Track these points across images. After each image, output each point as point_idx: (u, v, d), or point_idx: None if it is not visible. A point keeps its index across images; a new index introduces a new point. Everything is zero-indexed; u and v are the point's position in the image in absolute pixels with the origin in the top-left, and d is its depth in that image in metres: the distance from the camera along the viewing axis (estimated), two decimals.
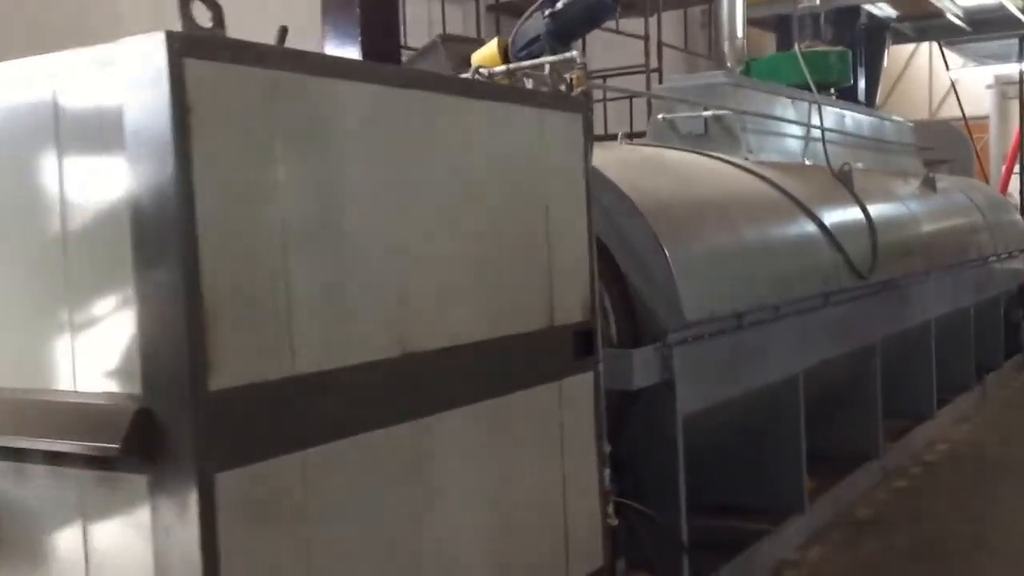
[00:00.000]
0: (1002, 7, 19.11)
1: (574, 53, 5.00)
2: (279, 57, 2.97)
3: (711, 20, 15.15)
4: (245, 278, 2.81)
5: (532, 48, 6.08)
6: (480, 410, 3.73)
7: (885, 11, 18.60)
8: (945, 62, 22.67)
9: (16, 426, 2.94)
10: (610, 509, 4.47)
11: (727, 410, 6.09)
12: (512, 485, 3.91)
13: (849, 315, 7.65)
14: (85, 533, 2.90)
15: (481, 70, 5.28)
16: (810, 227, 7.33)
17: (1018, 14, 19.35)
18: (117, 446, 2.69)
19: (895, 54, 20.71)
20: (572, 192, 4.33)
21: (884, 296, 8.34)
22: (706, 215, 6.26)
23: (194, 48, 2.70)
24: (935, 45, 22.79)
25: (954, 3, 19.18)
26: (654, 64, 13.51)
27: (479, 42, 7.46)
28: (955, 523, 7.17)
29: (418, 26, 11.46)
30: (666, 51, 14.13)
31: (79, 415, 2.82)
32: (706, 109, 7.98)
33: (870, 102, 17.61)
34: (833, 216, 7.65)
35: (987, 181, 19.83)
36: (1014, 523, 7.18)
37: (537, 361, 4.07)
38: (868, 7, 17.88)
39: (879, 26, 18.83)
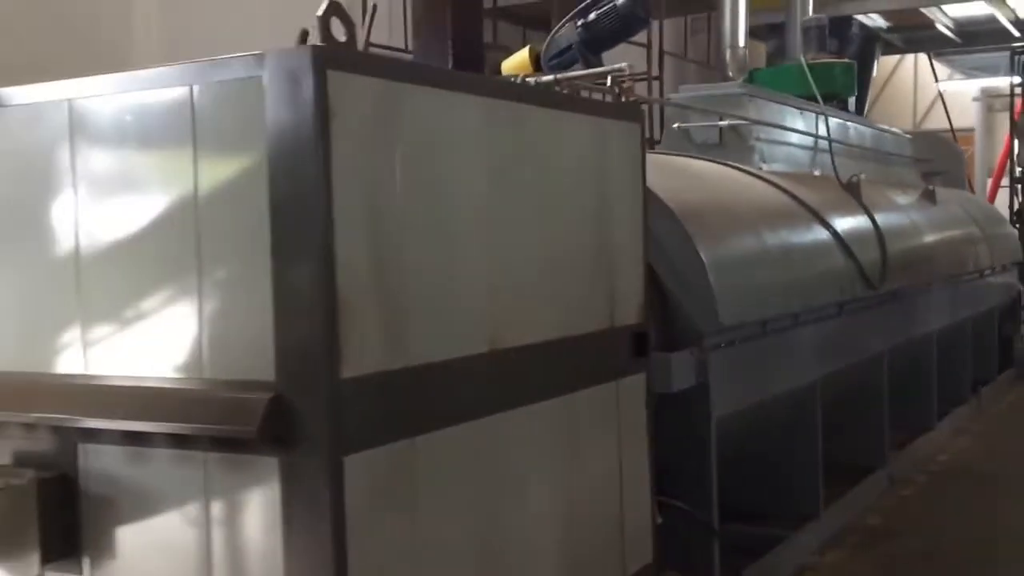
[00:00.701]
0: (993, 19, 19.39)
1: (624, 65, 5.18)
2: (403, 70, 3.16)
3: (709, 28, 15.34)
4: (372, 274, 3.01)
5: (564, 57, 6.31)
6: (553, 406, 3.93)
7: (876, 21, 18.88)
8: (934, 73, 22.98)
9: (143, 412, 3.11)
10: None
11: (744, 417, 6.26)
12: (577, 479, 4.11)
13: (860, 325, 7.86)
14: (209, 511, 3.07)
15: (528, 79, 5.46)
16: (825, 237, 7.53)
17: (1009, 27, 19.64)
18: (253, 430, 2.87)
19: (879, 64, 20.96)
20: (630, 198, 4.54)
21: (892, 307, 8.55)
22: (733, 222, 6.45)
23: (335, 61, 2.90)
24: (921, 56, 23.10)
25: (945, 15, 19.47)
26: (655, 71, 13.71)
27: (507, 50, 7.67)
28: (962, 530, 7.38)
29: (395, 29, 11.58)
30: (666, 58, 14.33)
31: (211, 401, 3.00)
32: (721, 119, 8.17)
33: (860, 111, 17.87)
34: (845, 226, 7.84)
35: (973, 192, 20.13)
36: (1018, 530, 7.40)
37: (600, 360, 4.28)
38: (860, 17, 18.14)
39: (869, 36, 19.11)
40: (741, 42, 11.18)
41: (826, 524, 7.09)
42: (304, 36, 5.43)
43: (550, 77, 5.21)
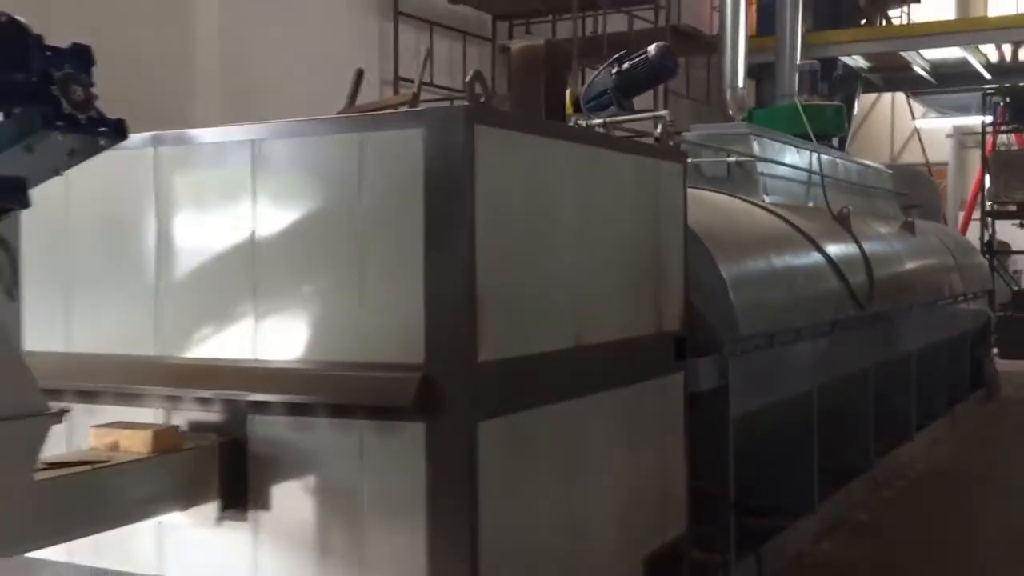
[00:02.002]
0: (966, 63, 20.45)
1: (664, 112, 6.04)
2: (519, 122, 4.02)
3: (709, 68, 16.26)
4: (499, 282, 3.83)
5: (600, 100, 7.11)
6: (616, 395, 4.75)
7: (858, 62, 19.89)
8: (911, 110, 24.01)
9: (308, 387, 3.92)
10: None
11: (751, 420, 7.06)
12: (631, 459, 4.93)
13: (850, 341, 8.70)
14: (362, 467, 3.87)
15: (580, 121, 6.29)
16: (820, 262, 8.39)
17: (981, 70, 20.69)
18: (409, 401, 3.69)
19: (859, 101, 21.99)
20: (675, 224, 5.38)
21: (877, 326, 9.41)
22: (745, 247, 7.28)
23: (479, 116, 3.74)
24: (898, 95, 24.14)
25: (922, 57, 20.50)
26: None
27: None
28: (938, 526, 8.26)
29: (439, 64, 12.50)
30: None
31: (369, 379, 3.81)
32: (729, 155, 9.02)
33: (841, 145, 18.84)
34: (837, 253, 8.70)
35: (947, 224, 21.11)
36: (987, 526, 8.27)
37: (650, 360, 5.11)
38: (843, 58, 19.14)
39: (851, 76, 20.11)
40: (740, 83, 12.13)
41: (820, 518, 7.90)
42: (359, 75, 6.39)
43: (599, 120, 6.07)
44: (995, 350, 17.94)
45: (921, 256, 11.66)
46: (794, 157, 10.03)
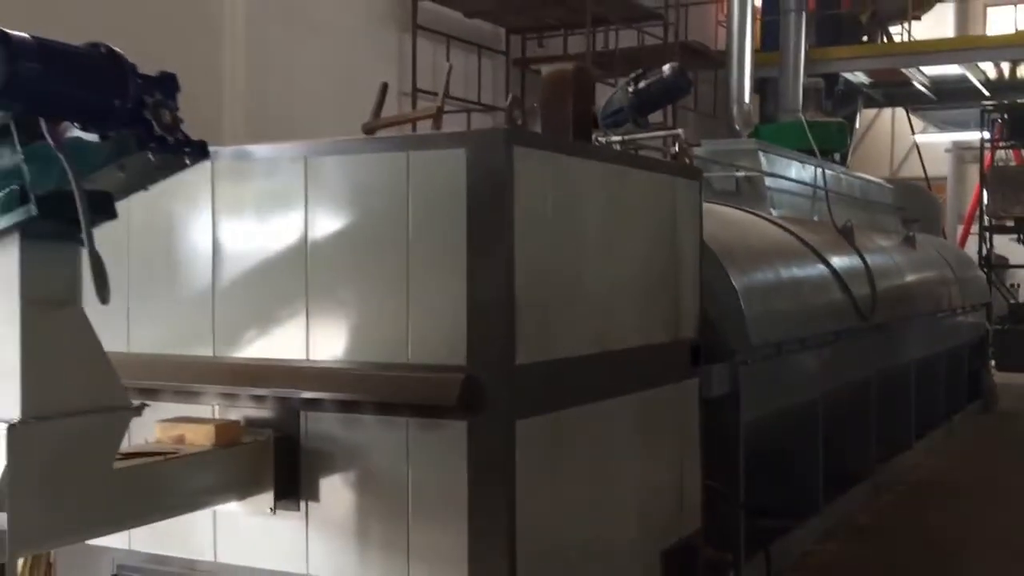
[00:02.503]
0: (965, 79, 20.80)
1: (680, 131, 6.35)
2: (551, 142, 4.35)
3: (716, 82, 16.59)
4: (534, 291, 4.15)
5: (617, 117, 7.41)
6: (638, 398, 5.06)
7: (859, 78, 20.24)
8: (911, 125, 24.36)
9: (358, 387, 4.23)
10: None
11: (759, 426, 7.36)
12: (652, 459, 5.24)
13: (853, 351, 9.03)
14: (408, 464, 4.18)
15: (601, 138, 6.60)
16: (825, 274, 8.72)
17: (980, 87, 21.05)
18: (453, 400, 4.00)
19: (860, 116, 22.34)
20: (690, 238, 5.70)
21: (878, 337, 9.73)
22: (755, 259, 7.61)
23: (516, 138, 4.07)
24: (899, 110, 24.50)
25: (922, 73, 20.86)
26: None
27: None
28: (935, 529, 8.60)
29: (455, 76, 12.81)
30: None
31: (415, 379, 4.12)
32: (738, 170, 9.36)
33: (843, 161, 19.19)
34: (841, 265, 9.03)
35: (945, 238, 21.45)
36: (982, 529, 8.61)
37: (668, 365, 5.42)
38: (845, 74, 19.50)
39: (853, 91, 20.47)
40: (746, 98, 12.47)
41: (825, 520, 8.23)
42: (384, 89, 6.72)
43: (618, 138, 6.39)
44: (993, 362, 18.30)
45: (921, 269, 12.00)
46: (800, 172, 10.37)
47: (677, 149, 6.30)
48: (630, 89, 7.39)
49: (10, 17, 7.18)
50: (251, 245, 4.52)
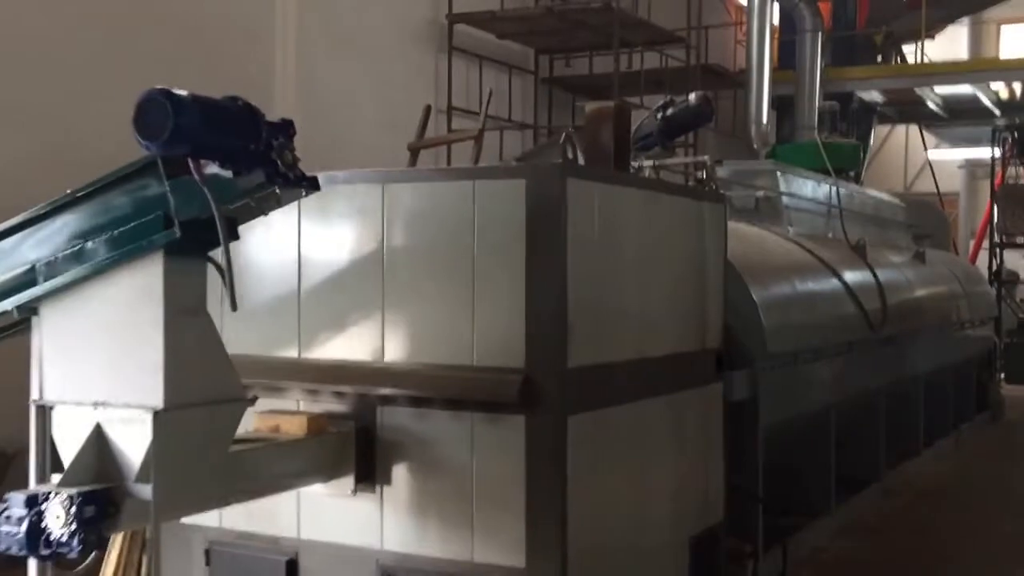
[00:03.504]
0: (976, 99, 21.39)
1: (707, 158, 6.98)
2: (597, 173, 5.00)
3: (735, 102, 17.20)
4: (583, 302, 4.77)
5: (647, 141, 8.04)
6: (668, 400, 5.68)
7: (873, 96, 20.84)
8: (924, 142, 24.93)
9: (429, 385, 4.86)
10: None
11: (776, 431, 7.93)
12: (681, 455, 5.86)
13: (864, 362, 9.61)
14: (473, 453, 4.80)
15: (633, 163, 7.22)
16: (839, 288, 9.31)
17: (991, 106, 21.63)
18: (514, 398, 4.62)
19: (874, 132, 22.93)
20: (716, 256, 6.31)
21: (889, 350, 10.31)
22: (773, 274, 8.20)
23: (569, 171, 4.73)
24: (912, 126, 25.07)
25: (934, 92, 21.45)
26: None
27: None
28: (941, 531, 9.19)
29: (472, 92, 13.48)
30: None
31: (480, 379, 4.74)
32: (757, 190, 9.96)
33: (857, 179, 19.78)
34: (853, 280, 9.62)
35: (957, 253, 21.99)
36: (985, 530, 9.19)
37: (696, 371, 6.03)
38: (859, 93, 20.10)
39: (867, 108, 21.06)
40: (764, 119, 13.07)
41: (835, 520, 8.82)
42: (427, 111, 7.36)
43: (651, 164, 7.01)
44: (1002, 375, 18.84)
45: (931, 284, 12.57)
46: (815, 191, 10.97)
47: (705, 175, 6.93)
48: (659, 116, 8.01)
49: (90, 47, 7.84)
50: (332, 259, 5.14)
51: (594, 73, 15.39)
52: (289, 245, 5.19)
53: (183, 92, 3.45)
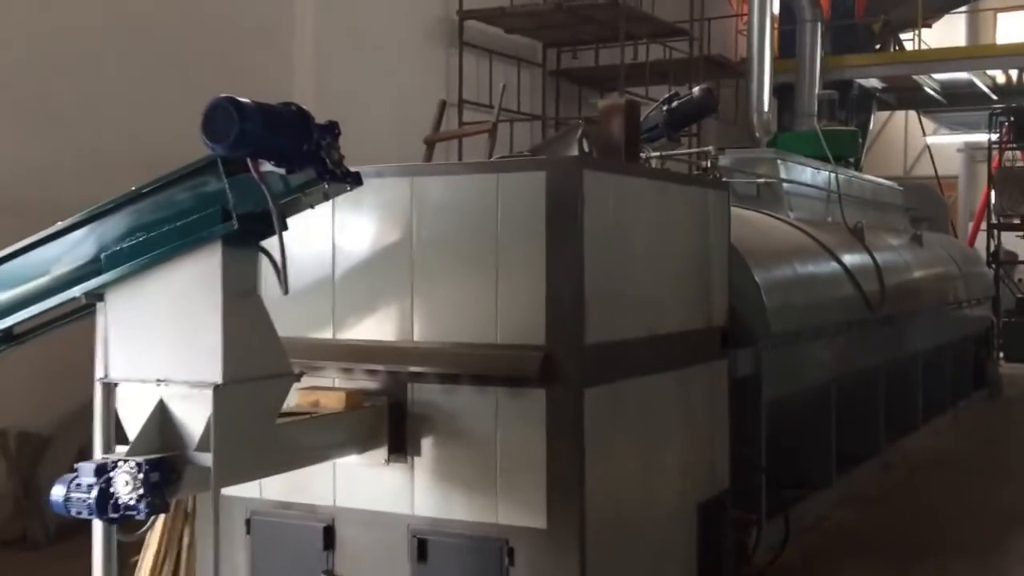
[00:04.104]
0: (974, 84, 21.77)
1: (711, 148, 7.38)
2: (610, 166, 5.40)
3: (737, 91, 17.60)
4: (598, 284, 5.18)
5: (653, 133, 8.42)
6: (677, 375, 6.09)
7: (872, 83, 21.22)
8: (922, 128, 25.32)
9: (457, 363, 5.26)
10: None
11: (779, 407, 8.33)
12: (689, 426, 6.26)
13: (863, 341, 10.02)
14: (497, 424, 5.21)
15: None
16: (838, 270, 9.71)
17: (987, 91, 22.01)
18: (535, 373, 5.03)
19: (874, 118, 23.31)
20: (720, 240, 6.71)
21: (886, 329, 10.72)
22: (774, 257, 8.61)
23: (585, 164, 5.15)
24: (911, 112, 25.46)
25: (932, 79, 21.83)
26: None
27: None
28: (938, 500, 9.62)
29: (496, 88, 13.87)
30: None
31: (504, 356, 5.15)
32: (758, 177, 10.36)
33: (857, 165, 20.16)
34: (852, 263, 10.02)
35: (956, 236, 22.37)
36: (982, 501, 9.61)
37: (703, 348, 6.44)
38: (859, 80, 20.50)
39: (866, 95, 21.45)
40: (765, 107, 13.46)
41: (836, 491, 9.23)
42: (442, 105, 7.79)
43: (657, 155, 7.40)
44: (1001, 354, 19.24)
45: (928, 266, 12.98)
46: (814, 177, 11.37)
47: (709, 164, 7.33)
48: (664, 108, 8.41)
49: (115, 46, 8.21)
50: (364, 248, 5.55)
51: (600, 65, 15.78)
52: (324, 235, 5.58)
53: (246, 100, 3.85)
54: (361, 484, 5.49)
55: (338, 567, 5.56)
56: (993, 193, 20.16)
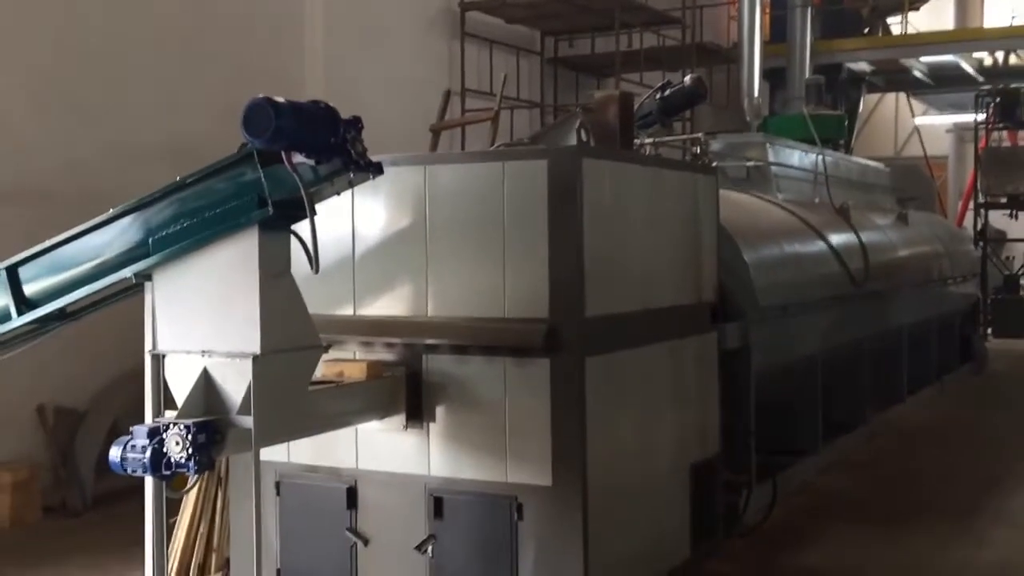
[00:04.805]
0: (959, 67, 22.24)
1: (701, 135, 7.86)
2: (606, 152, 5.90)
3: (729, 76, 18.06)
4: (597, 262, 5.67)
5: (646, 120, 8.87)
6: (670, 345, 6.59)
7: (861, 67, 21.69)
8: (911, 109, 25.79)
9: (468, 335, 5.75)
10: None
11: (767, 378, 8.79)
12: (681, 394, 6.76)
13: (848, 315, 10.50)
14: (505, 391, 5.70)
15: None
16: (824, 249, 10.20)
17: (973, 73, 22.48)
18: (540, 343, 5.52)
19: (864, 101, 23.75)
20: (709, 221, 7.20)
21: (871, 304, 11.20)
22: (763, 236, 9.09)
23: (584, 153, 5.64)
24: (902, 94, 25.93)
25: (919, 61, 22.29)
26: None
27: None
28: (924, 465, 10.12)
29: (496, 76, 14.35)
30: None
31: (511, 329, 5.64)
32: (748, 161, 10.84)
33: (846, 147, 20.63)
34: (838, 241, 10.51)
35: (946, 215, 22.85)
36: (963, 467, 10.12)
37: (693, 321, 6.93)
38: (849, 64, 20.96)
39: (856, 79, 21.91)
40: (756, 92, 13.94)
41: (823, 458, 9.74)
42: (447, 95, 8.30)
43: (650, 141, 7.89)
44: (989, 330, 19.73)
45: (912, 244, 13.47)
46: (802, 160, 11.86)
47: (699, 150, 7.82)
48: (658, 97, 8.85)
49: (140, 45, 8.67)
50: (382, 230, 6.03)
51: (596, 53, 16.25)
52: (344, 220, 6.06)
53: (281, 99, 4.33)
54: (381, 448, 5.98)
55: (360, 525, 6.06)
56: (980, 174, 20.61)
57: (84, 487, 8.55)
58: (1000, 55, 23.23)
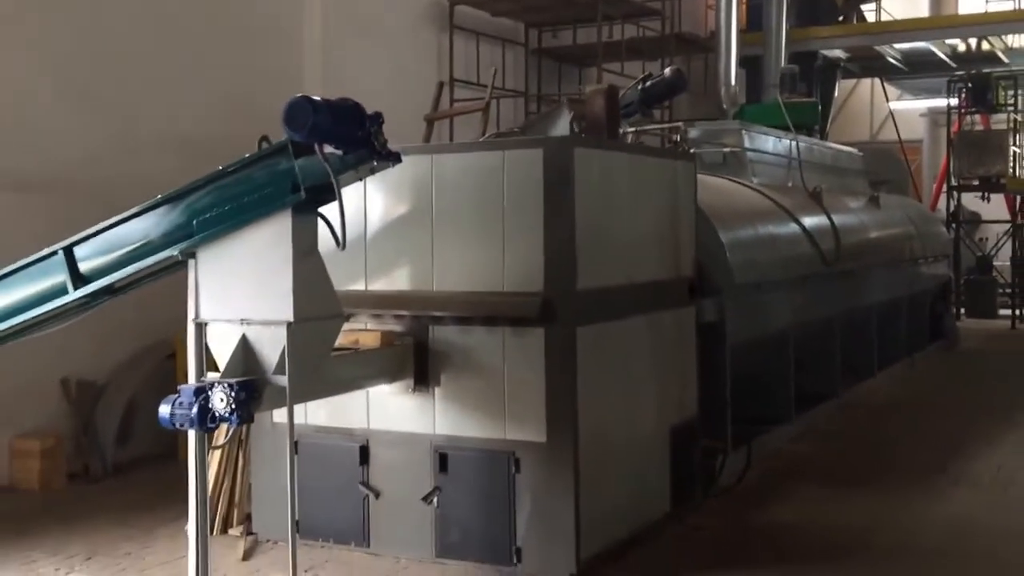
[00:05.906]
0: (932, 52, 22.86)
1: (681, 124, 8.51)
2: (596, 143, 6.56)
3: (706, 65, 18.65)
4: (587, 240, 6.31)
5: (628, 109, 9.49)
6: (651, 317, 7.24)
7: (836, 53, 22.29)
8: (885, 94, 26.41)
9: (471, 307, 6.39)
10: None
11: (742, 351, 9.40)
12: (662, 363, 7.41)
13: (820, 293, 11.12)
14: (504, 358, 6.34)
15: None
16: (797, 230, 10.82)
17: (946, 59, 23.13)
18: (535, 314, 6.17)
19: (839, 86, 24.36)
20: (688, 204, 7.85)
21: (842, 282, 11.81)
22: (738, 218, 9.71)
23: (575, 143, 6.30)
24: (877, 79, 26.54)
25: (893, 48, 22.91)
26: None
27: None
28: (892, 434, 10.76)
29: (483, 67, 14.96)
30: None
31: (509, 301, 6.27)
32: (724, 147, 11.47)
33: (821, 133, 21.23)
34: (810, 223, 11.13)
35: (920, 198, 23.49)
36: (929, 435, 10.75)
37: (673, 295, 7.58)
38: (824, 51, 21.56)
39: (831, 65, 22.50)
40: (732, 80, 14.56)
41: (795, 427, 10.37)
42: (440, 86, 8.99)
43: (633, 130, 8.52)
44: (962, 310, 20.33)
45: (884, 226, 14.10)
46: (776, 145, 12.50)
47: (679, 138, 8.47)
48: (639, 88, 9.47)
49: (146, 42, 9.25)
50: (391, 213, 6.66)
51: (578, 44, 16.83)
52: (356, 203, 6.66)
53: (318, 98, 4.95)
54: (390, 410, 6.62)
55: (372, 479, 6.72)
56: (952, 156, 21.21)
57: (105, 455, 9.13)
58: (973, 41, 23.81)
